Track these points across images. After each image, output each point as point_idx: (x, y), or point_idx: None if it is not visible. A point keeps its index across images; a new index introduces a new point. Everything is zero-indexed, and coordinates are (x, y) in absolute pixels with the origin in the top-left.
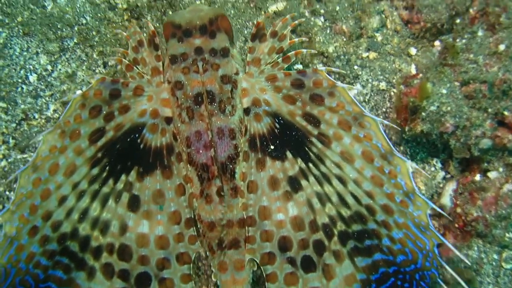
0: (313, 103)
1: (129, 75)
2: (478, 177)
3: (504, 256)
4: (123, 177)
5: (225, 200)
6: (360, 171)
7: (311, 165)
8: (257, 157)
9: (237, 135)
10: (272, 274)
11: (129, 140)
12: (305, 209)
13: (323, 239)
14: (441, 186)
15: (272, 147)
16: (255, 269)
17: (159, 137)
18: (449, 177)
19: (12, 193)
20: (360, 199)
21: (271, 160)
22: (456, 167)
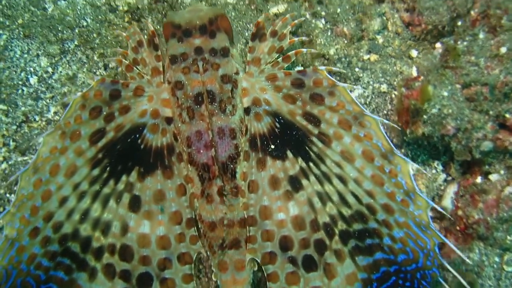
0: (313, 103)
1: (129, 76)
2: (479, 180)
3: (505, 258)
4: (124, 178)
5: (228, 199)
6: (360, 170)
7: (311, 164)
8: (258, 157)
9: (238, 135)
10: (273, 273)
11: (129, 140)
12: (306, 208)
13: (324, 238)
14: (442, 188)
15: (272, 147)
16: (255, 269)
17: (159, 137)
18: (450, 179)
19: (12, 195)
20: (360, 198)
21: (272, 159)
22: (457, 170)
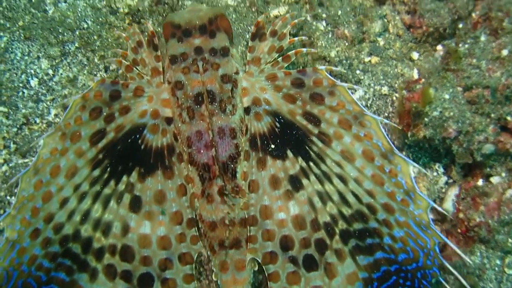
0: (313, 102)
1: (129, 76)
2: (480, 182)
3: (507, 261)
4: (125, 178)
5: (230, 198)
6: (360, 170)
7: (311, 164)
8: (258, 156)
9: (238, 135)
10: (274, 273)
11: (130, 141)
12: (306, 208)
13: (325, 238)
14: (443, 191)
15: (272, 146)
16: (256, 269)
17: (159, 138)
18: (452, 182)
19: (13, 197)
20: (361, 198)
21: (272, 159)
22: (458, 172)
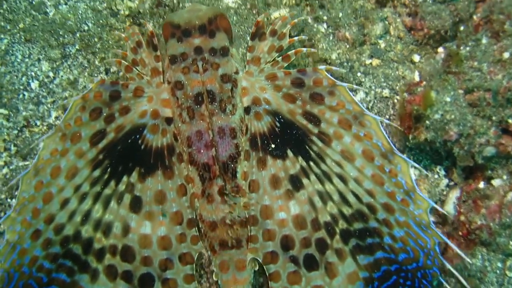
0: (313, 102)
1: (129, 77)
2: (482, 185)
3: (508, 264)
4: (125, 179)
5: (230, 198)
6: (360, 169)
7: (312, 163)
8: (258, 156)
9: (238, 134)
10: (275, 273)
11: (130, 141)
12: (306, 207)
13: (325, 238)
14: (444, 193)
15: (273, 146)
16: (256, 268)
17: (159, 138)
18: (453, 184)
19: (13, 200)
20: (361, 198)
21: (272, 158)
22: (459, 175)
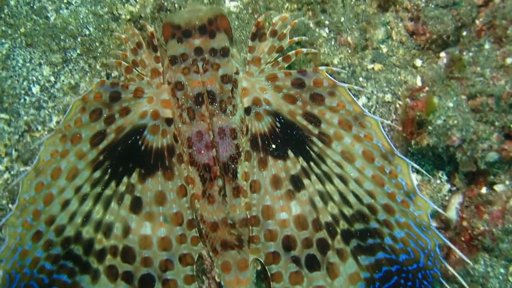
0: (313, 103)
1: (129, 77)
2: (484, 190)
3: (511, 270)
4: (125, 179)
5: (227, 199)
6: (361, 170)
7: (312, 164)
8: (259, 157)
9: (239, 135)
10: (276, 273)
11: (130, 142)
12: (308, 208)
13: (327, 238)
14: (447, 199)
15: (273, 146)
16: (258, 268)
17: (160, 139)
18: (455, 189)
19: (14, 205)
20: (361, 198)
21: (273, 159)
22: (462, 180)
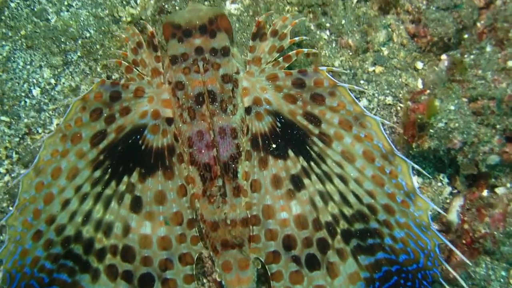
0: (314, 103)
1: (129, 77)
2: (485, 193)
3: None
4: (125, 179)
5: (227, 198)
6: (361, 170)
7: (312, 163)
8: (260, 156)
9: (239, 134)
10: (277, 272)
11: (130, 141)
12: (308, 207)
13: (327, 237)
14: (448, 201)
15: (274, 146)
16: (259, 267)
17: (160, 138)
18: (456, 192)
19: (15, 205)
20: (361, 198)
21: (274, 158)
22: (463, 182)
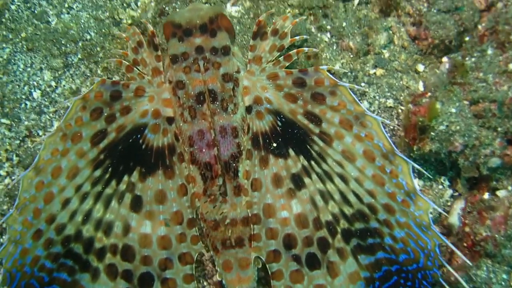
0: (314, 102)
1: (130, 76)
2: (486, 196)
3: None
4: (126, 178)
5: (228, 197)
6: (361, 170)
7: (313, 163)
8: (260, 155)
9: (240, 133)
10: (277, 271)
11: (131, 141)
12: (308, 206)
13: (327, 237)
14: (449, 204)
15: (274, 145)
16: (259, 266)
17: (160, 137)
18: (457, 195)
19: (15, 204)
20: (362, 198)
21: (274, 157)
22: (464, 185)
